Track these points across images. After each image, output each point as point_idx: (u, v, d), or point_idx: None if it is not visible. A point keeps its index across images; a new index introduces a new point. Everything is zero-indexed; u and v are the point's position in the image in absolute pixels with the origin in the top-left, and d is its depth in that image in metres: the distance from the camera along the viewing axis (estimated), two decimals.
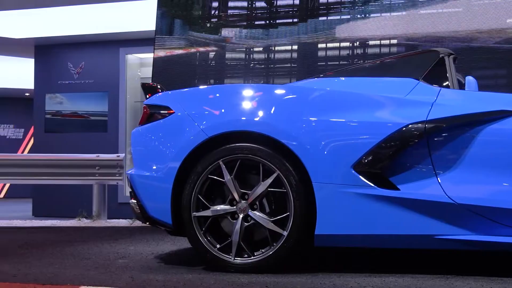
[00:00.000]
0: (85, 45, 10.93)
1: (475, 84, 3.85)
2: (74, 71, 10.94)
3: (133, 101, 10.70)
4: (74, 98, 11.00)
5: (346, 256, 4.26)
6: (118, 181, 8.54)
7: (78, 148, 9.96)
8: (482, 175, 3.35)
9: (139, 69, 10.97)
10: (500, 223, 3.28)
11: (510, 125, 3.36)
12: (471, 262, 3.97)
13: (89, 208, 8.80)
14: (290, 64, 8.30)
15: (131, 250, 4.65)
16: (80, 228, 7.35)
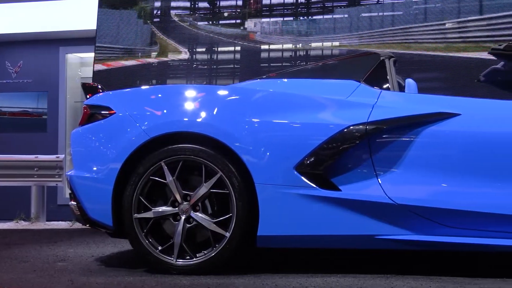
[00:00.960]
0: (24, 43, 10.68)
1: (415, 86, 3.92)
2: (12, 70, 10.69)
3: (73, 101, 10.52)
4: (12, 98, 10.74)
5: (289, 256, 4.28)
6: (58, 182, 8.38)
7: (16, 149, 9.73)
8: (421, 176, 3.41)
9: (79, 68, 10.79)
10: (439, 223, 3.34)
11: (448, 127, 3.43)
12: (411, 261, 4.03)
13: (28, 210, 8.61)
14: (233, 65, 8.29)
15: (71, 253, 4.57)
16: (18, 230, 7.18)
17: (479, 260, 4.04)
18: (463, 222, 3.33)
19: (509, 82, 4.49)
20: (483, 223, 3.31)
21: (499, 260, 4.01)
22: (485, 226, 3.31)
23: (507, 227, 3.28)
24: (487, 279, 3.29)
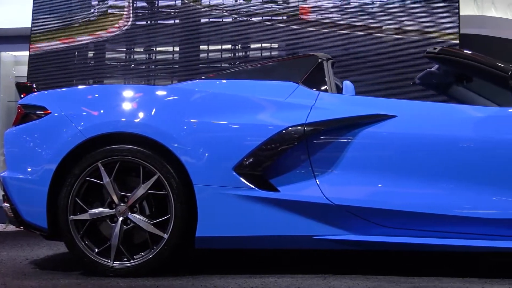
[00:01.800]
0: None
1: (352, 88, 3.97)
2: None
3: (6, 100, 10.27)
4: None
5: (228, 257, 4.27)
6: None
7: None
8: (358, 177, 3.45)
9: (13, 67, 10.54)
10: (375, 223, 3.39)
11: (384, 129, 3.48)
12: (348, 261, 4.08)
13: None
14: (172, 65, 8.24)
15: (4, 256, 4.45)
16: None
17: (414, 259, 4.12)
18: (399, 222, 3.39)
19: (443, 85, 4.58)
20: (418, 223, 3.37)
21: (434, 259, 4.09)
22: (420, 226, 3.37)
23: (441, 226, 3.36)
24: (422, 278, 3.36)
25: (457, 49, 4.04)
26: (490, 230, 3.32)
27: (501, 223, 3.31)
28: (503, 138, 3.39)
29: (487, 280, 3.30)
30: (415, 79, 4.73)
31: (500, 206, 3.32)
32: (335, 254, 4.23)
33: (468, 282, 3.25)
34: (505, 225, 3.30)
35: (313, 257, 4.21)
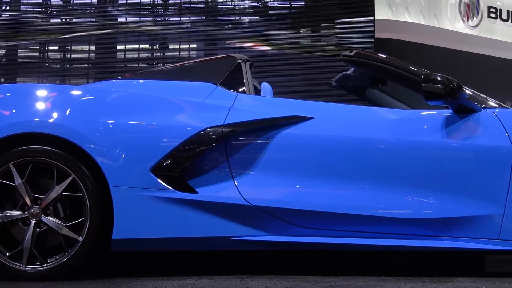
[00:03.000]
0: None
1: (270, 90, 3.99)
2: None
3: None
4: None
5: (145, 259, 4.22)
6: None
7: None
8: (276, 178, 3.47)
9: None
10: (293, 224, 3.42)
11: (302, 130, 3.52)
12: (266, 261, 4.10)
13: None
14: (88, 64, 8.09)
15: None
16: None
17: (331, 259, 4.17)
18: (316, 222, 3.43)
19: (358, 88, 4.67)
20: (334, 223, 3.42)
21: (350, 259, 4.16)
22: (337, 226, 3.42)
23: (357, 226, 3.42)
24: (338, 277, 3.41)
25: (372, 52, 4.13)
26: (404, 230, 3.41)
27: (414, 222, 3.39)
28: (416, 140, 3.48)
29: (400, 278, 3.38)
30: (332, 82, 4.81)
31: (413, 206, 3.41)
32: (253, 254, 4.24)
33: (382, 280, 3.32)
34: (418, 224, 3.39)
35: (231, 258, 4.21)
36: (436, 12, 13.97)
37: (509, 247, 3.32)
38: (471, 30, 14.81)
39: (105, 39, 8.13)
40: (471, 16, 14.75)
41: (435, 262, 3.98)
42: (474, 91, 3.81)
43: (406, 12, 13.39)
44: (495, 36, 15.23)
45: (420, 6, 13.67)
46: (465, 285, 3.19)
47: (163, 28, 8.71)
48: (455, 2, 14.34)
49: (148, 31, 8.49)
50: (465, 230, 3.36)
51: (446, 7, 14.20)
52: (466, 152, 3.44)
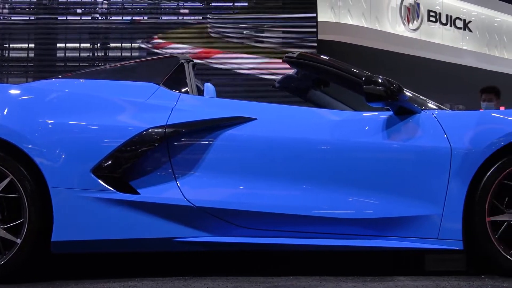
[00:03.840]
0: None
1: (213, 90, 3.98)
2: None
3: None
4: None
5: (86, 261, 4.15)
6: None
7: None
8: (219, 179, 3.46)
9: None
10: (235, 224, 3.42)
11: (245, 131, 3.52)
12: (209, 262, 4.08)
13: None
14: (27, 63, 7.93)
15: None
16: None
17: (274, 259, 4.18)
18: (259, 223, 3.43)
19: (301, 89, 4.70)
20: (277, 224, 3.43)
21: (293, 259, 4.18)
22: (280, 226, 3.43)
23: (300, 227, 3.44)
24: (281, 277, 3.42)
25: (314, 54, 4.15)
26: (346, 230, 3.44)
27: (356, 222, 3.43)
28: (358, 141, 3.52)
29: (342, 278, 3.41)
30: (275, 83, 4.82)
31: (355, 206, 3.44)
32: (196, 255, 4.22)
33: (324, 280, 3.35)
34: (360, 224, 3.43)
35: (173, 259, 4.18)
36: (378, 15, 14.18)
37: (447, 246, 3.39)
38: (412, 33, 15.08)
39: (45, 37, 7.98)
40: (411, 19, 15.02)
41: (376, 262, 4.03)
42: (414, 93, 3.88)
43: (348, 14, 13.56)
44: (434, 40, 15.56)
45: (362, 9, 13.85)
46: (405, 283, 3.24)
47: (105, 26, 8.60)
48: (396, 6, 14.59)
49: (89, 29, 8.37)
50: (405, 230, 3.42)
51: (387, 10, 14.43)
52: (406, 153, 3.49)
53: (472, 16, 16.73)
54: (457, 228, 3.37)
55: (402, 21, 14.80)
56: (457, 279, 3.35)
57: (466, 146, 3.42)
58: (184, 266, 3.96)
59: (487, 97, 6.85)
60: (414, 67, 14.22)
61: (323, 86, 4.54)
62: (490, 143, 3.39)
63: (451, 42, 16.10)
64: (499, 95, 6.99)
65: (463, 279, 3.36)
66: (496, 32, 17.41)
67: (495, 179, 3.38)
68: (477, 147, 3.40)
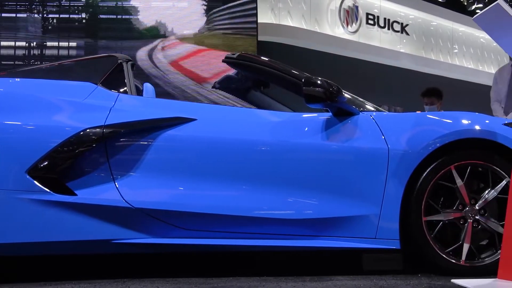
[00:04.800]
0: None
1: (153, 90, 3.95)
2: None
3: None
4: None
5: (21, 264, 4.06)
6: None
7: None
8: (159, 179, 3.43)
9: None
10: (175, 225, 3.39)
11: (184, 131, 3.50)
12: (148, 264, 4.05)
13: None
14: None
15: None
16: None
17: (214, 260, 4.17)
18: (199, 224, 3.42)
19: (241, 90, 4.70)
20: (218, 225, 3.43)
21: (233, 260, 4.18)
22: (220, 227, 3.43)
23: (241, 228, 3.43)
24: (220, 278, 3.41)
25: (254, 55, 4.16)
26: (287, 230, 3.46)
27: (296, 222, 3.45)
28: (297, 142, 3.54)
29: (282, 278, 3.43)
30: (215, 83, 4.81)
31: (295, 207, 3.46)
32: (134, 257, 4.18)
33: (264, 280, 3.36)
34: (300, 224, 3.45)
35: (112, 261, 4.12)
36: (317, 17, 14.32)
37: (385, 246, 3.44)
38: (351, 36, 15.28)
39: None
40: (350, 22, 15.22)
41: (315, 261, 4.07)
42: (353, 95, 3.93)
43: (289, 16, 13.65)
44: (372, 42, 15.80)
45: (302, 11, 13.97)
46: (344, 283, 3.27)
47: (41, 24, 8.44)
48: (336, 8, 14.76)
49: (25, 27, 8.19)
50: (344, 230, 3.45)
51: (327, 13, 14.59)
52: (345, 154, 3.53)
53: (409, 20, 17.06)
54: (394, 227, 3.43)
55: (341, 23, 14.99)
56: (395, 278, 3.40)
57: (403, 147, 3.48)
58: (123, 268, 3.92)
59: (429, 100, 7.00)
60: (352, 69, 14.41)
61: (263, 87, 4.56)
62: (426, 145, 3.46)
63: (389, 44, 16.40)
64: (441, 97, 7.14)
65: (400, 278, 3.42)
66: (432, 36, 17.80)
67: (431, 179, 3.45)
68: (413, 148, 3.47)
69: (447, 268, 3.43)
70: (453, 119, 3.63)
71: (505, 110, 6.05)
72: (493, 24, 3.28)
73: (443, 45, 18.29)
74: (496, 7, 3.10)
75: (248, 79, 4.54)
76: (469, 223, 3.47)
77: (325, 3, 14.76)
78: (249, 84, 4.60)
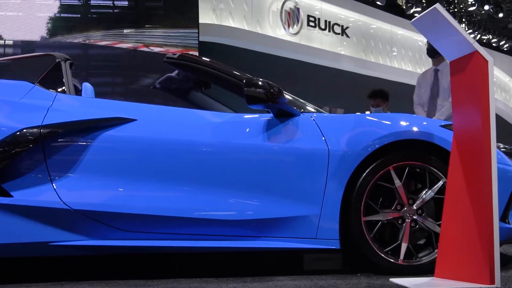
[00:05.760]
0: None
1: (92, 90, 3.89)
2: None
3: None
4: None
5: None
6: None
7: None
8: (98, 181, 3.38)
9: None
10: (115, 227, 3.35)
11: (124, 132, 3.45)
12: (87, 266, 3.99)
13: None
14: None
15: None
16: None
17: (155, 262, 4.14)
18: (139, 225, 3.38)
19: (183, 90, 4.67)
20: (159, 226, 3.40)
21: (174, 261, 4.15)
22: (161, 229, 3.40)
23: (182, 229, 3.41)
24: (161, 280, 3.39)
25: (196, 56, 4.14)
26: (229, 231, 3.45)
27: (237, 223, 3.45)
28: (239, 143, 3.54)
29: (222, 279, 3.42)
30: (156, 84, 4.77)
31: (236, 208, 3.46)
32: (73, 260, 4.11)
33: (205, 282, 3.35)
34: (241, 225, 3.45)
35: (49, 264, 4.04)
36: (259, 18, 14.38)
37: (325, 246, 3.47)
38: (292, 37, 15.39)
39: None
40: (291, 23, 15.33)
41: (256, 262, 4.08)
42: (294, 96, 3.95)
43: (230, 17, 13.66)
44: (313, 44, 15.95)
45: (244, 12, 14.00)
46: (285, 283, 3.29)
47: None
48: (277, 10, 14.85)
49: None
50: (285, 230, 3.47)
51: (269, 14, 14.66)
52: (286, 155, 3.55)
53: (349, 22, 17.30)
54: (334, 228, 3.46)
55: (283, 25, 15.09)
56: (334, 278, 3.44)
57: (343, 148, 3.52)
58: (61, 271, 3.85)
59: (375, 102, 7.07)
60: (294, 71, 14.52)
61: (204, 87, 4.54)
62: (365, 146, 3.51)
63: (329, 47, 16.59)
64: (387, 98, 7.23)
65: (340, 277, 3.46)
66: (372, 38, 18.09)
67: (370, 180, 3.50)
68: (353, 149, 3.51)
69: (386, 268, 3.48)
70: (391, 121, 3.69)
71: (428, 113, 6.17)
72: (430, 27, 3.35)
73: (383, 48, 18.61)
74: (434, 11, 3.16)
75: (189, 80, 4.52)
76: (407, 223, 3.53)
77: (267, 5, 14.84)
78: (190, 85, 4.58)
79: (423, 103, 6.30)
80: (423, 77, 6.45)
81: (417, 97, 6.44)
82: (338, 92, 15.72)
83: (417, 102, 6.42)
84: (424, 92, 6.30)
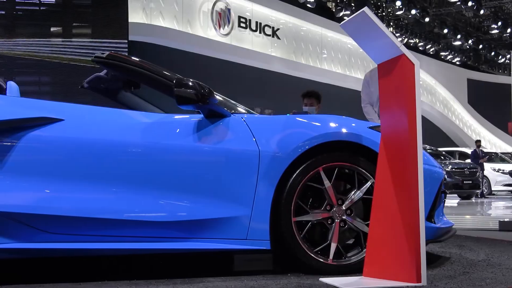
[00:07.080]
0: None
1: (17, 89, 3.80)
2: None
3: None
4: None
5: None
6: None
7: None
8: (23, 182, 3.30)
9: None
10: (41, 230, 3.28)
11: (51, 132, 3.38)
12: (11, 270, 3.88)
13: None
14: None
15: None
16: None
17: (82, 264, 4.06)
18: (67, 227, 3.32)
19: (111, 90, 4.59)
20: (87, 228, 3.34)
21: (102, 263, 4.09)
22: (89, 230, 3.35)
23: (112, 231, 3.36)
24: (89, 283, 3.33)
25: (125, 55, 4.07)
26: (159, 233, 3.42)
27: (168, 225, 3.42)
28: (169, 143, 3.51)
29: (152, 281, 3.39)
30: (84, 83, 4.67)
31: (166, 209, 3.43)
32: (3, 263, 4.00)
33: (134, 284, 3.31)
34: (171, 227, 3.42)
35: None
36: (190, 18, 14.33)
37: (255, 247, 3.48)
38: (223, 38, 15.40)
39: None
40: (222, 24, 15.35)
41: (186, 264, 4.05)
42: (225, 97, 3.95)
43: (160, 16, 13.56)
44: (244, 45, 16.01)
45: (174, 12, 13.92)
46: (215, 284, 3.28)
47: None
48: (208, 10, 14.83)
49: None
50: (216, 231, 3.46)
51: (199, 14, 14.63)
52: (217, 156, 3.54)
53: (280, 24, 17.44)
54: (264, 228, 3.47)
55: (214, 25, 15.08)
56: (265, 278, 3.45)
57: (273, 149, 3.53)
58: None
59: (309, 101, 7.06)
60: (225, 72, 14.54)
61: (134, 87, 4.47)
62: (296, 147, 3.53)
63: (260, 48, 16.67)
64: (320, 100, 7.26)
65: (270, 278, 3.47)
66: (302, 40, 18.28)
67: (300, 181, 3.53)
68: (283, 150, 3.53)
69: (316, 267, 3.51)
70: (321, 122, 3.73)
71: (379, 112, 6.13)
72: (359, 30, 3.40)
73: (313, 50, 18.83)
74: (362, 15, 3.21)
75: (118, 79, 4.45)
76: (337, 223, 3.57)
77: (198, 5, 14.81)
78: (119, 85, 4.51)
79: (373, 102, 6.25)
80: (372, 76, 6.35)
81: (366, 96, 6.41)
82: (269, 93, 15.82)
83: (366, 101, 6.36)
84: (374, 91, 6.23)
